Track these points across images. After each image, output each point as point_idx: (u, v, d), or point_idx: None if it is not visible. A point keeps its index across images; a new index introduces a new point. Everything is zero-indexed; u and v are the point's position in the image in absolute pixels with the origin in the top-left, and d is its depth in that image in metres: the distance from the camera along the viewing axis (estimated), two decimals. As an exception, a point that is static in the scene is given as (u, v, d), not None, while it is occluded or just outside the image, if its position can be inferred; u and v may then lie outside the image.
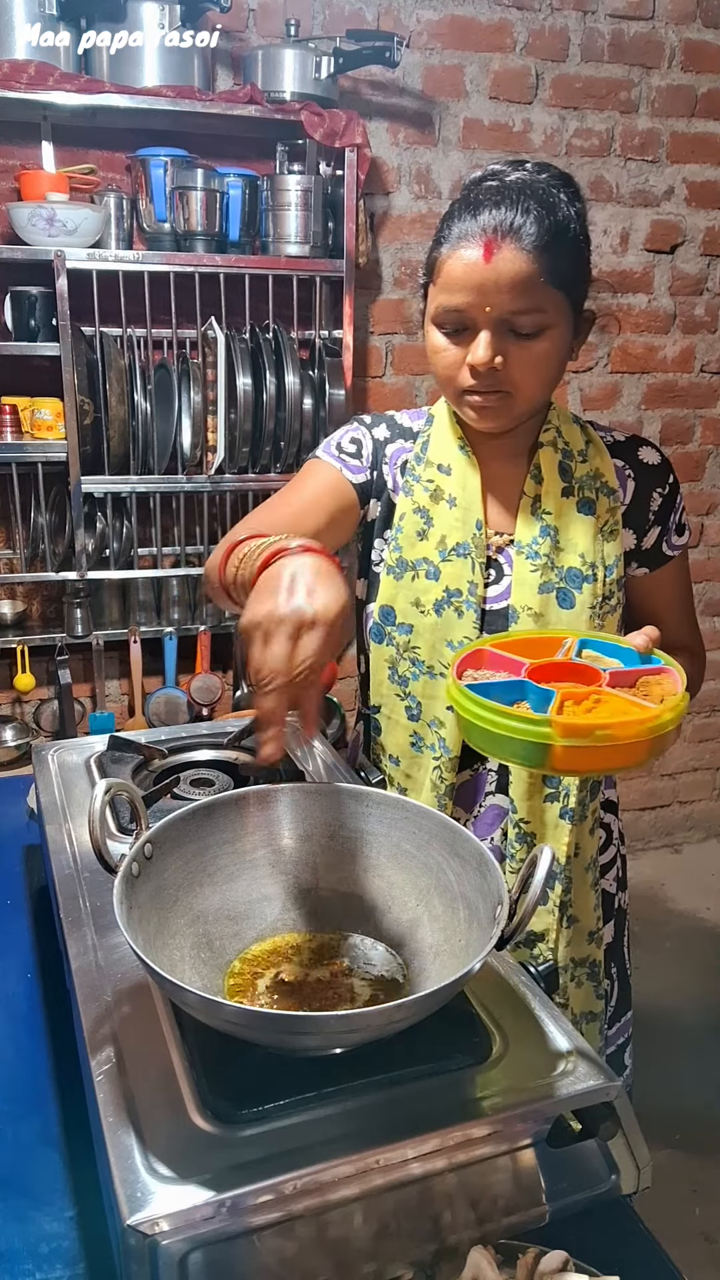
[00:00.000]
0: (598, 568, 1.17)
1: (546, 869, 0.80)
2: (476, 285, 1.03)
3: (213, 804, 0.96)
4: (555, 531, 1.17)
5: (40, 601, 2.57)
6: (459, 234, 1.05)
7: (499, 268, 1.02)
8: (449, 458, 1.20)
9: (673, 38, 2.67)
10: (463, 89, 2.55)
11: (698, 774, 3.40)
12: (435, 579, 1.19)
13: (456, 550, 1.18)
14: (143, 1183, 0.69)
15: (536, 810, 1.21)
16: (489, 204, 1.04)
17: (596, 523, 1.18)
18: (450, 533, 1.19)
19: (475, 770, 1.25)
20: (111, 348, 2.22)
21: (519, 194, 1.04)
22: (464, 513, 1.18)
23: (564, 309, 1.07)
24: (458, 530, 1.18)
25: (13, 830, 1.44)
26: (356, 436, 1.26)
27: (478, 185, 1.09)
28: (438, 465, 1.21)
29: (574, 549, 1.17)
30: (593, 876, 1.27)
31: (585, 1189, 0.81)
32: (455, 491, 1.19)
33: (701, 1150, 2.12)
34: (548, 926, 1.24)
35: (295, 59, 2.22)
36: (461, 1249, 0.74)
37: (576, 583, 1.16)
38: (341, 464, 1.25)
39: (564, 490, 1.18)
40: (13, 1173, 0.86)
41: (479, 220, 1.03)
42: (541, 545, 1.16)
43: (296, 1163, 0.70)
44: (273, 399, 2.30)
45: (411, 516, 1.21)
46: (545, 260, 1.03)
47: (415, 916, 0.93)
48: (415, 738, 1.25)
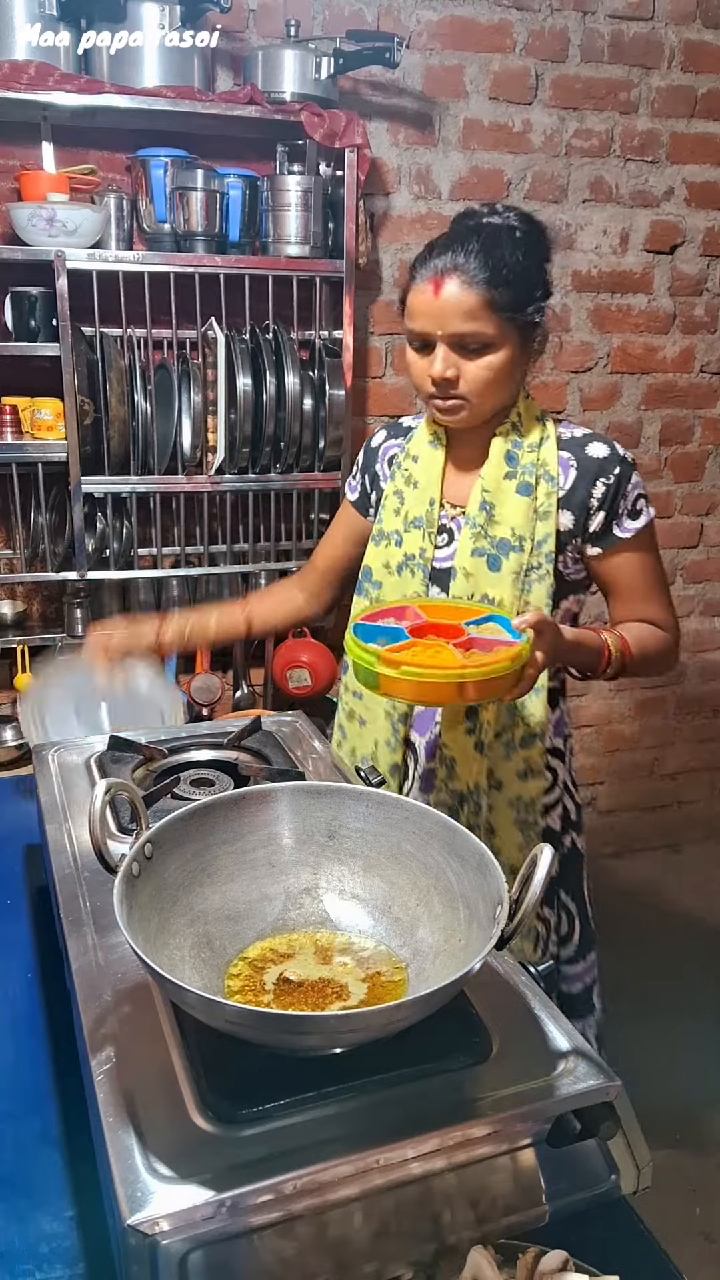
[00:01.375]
0: (526, 541, 1.39)
1: (546, 869, 0.80)
2: (430, 313, 1.29)
3: (213, 804, 0.96)
4: (491, 507, 1.40)
5: (40, 601, 2.57)
6: (419, 274, 1.31)
7: (444, 301, 1.28)
8: (420, 450, 1.48)
9: (672, 38, 2.67)
10: (463, 89, 2.55)
11: (697, 774, 3.40)
12: (399, 546, 1.47)
13: (415, 523, 1.45)
14: (143, 1182, 0.69)
15: (458, 740, 1.43)
16: (441, 247, 1.29)
17: (532, 503, 1.39)
18: (412, 509, 1.46)
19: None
20: (112, 348, 2.22)
21: (469, 236, 1.29)
22: (423, 493, 1.45)
23: (508, 329, 1.30)
24: (417, 507, 1.45)
25: (13, 830, 1.44)
26: (357, 457, 1.60)
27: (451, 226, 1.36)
28: (413, 456, 1.49)
29: (506, 523, 1.39)
30: (518, 815, 1.45)
31: (585, 1189, 0.81)
32: (420, 477, 1.46)
33: (701, 1150, 2.12)
34: None
35: (295, 59, 2.22)
36: (461, 1249, 0.74)
37: (504, 550, 1.39)
38: (348, 488, 1.63)
39: (506, 474, 1.40)
40: (13, 1172, 0.87)
41: (432, 261, 1.29)
42: (479, 517, 1.40)
43: (296, 1162, 0.70)
44: (273, 399, 2.30)
45: (391, 497, 1.50)
46: (484, 292, 1.27)
47: (415, 916, 0.93)
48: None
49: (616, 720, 3.24)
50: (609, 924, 2.77)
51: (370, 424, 2.71)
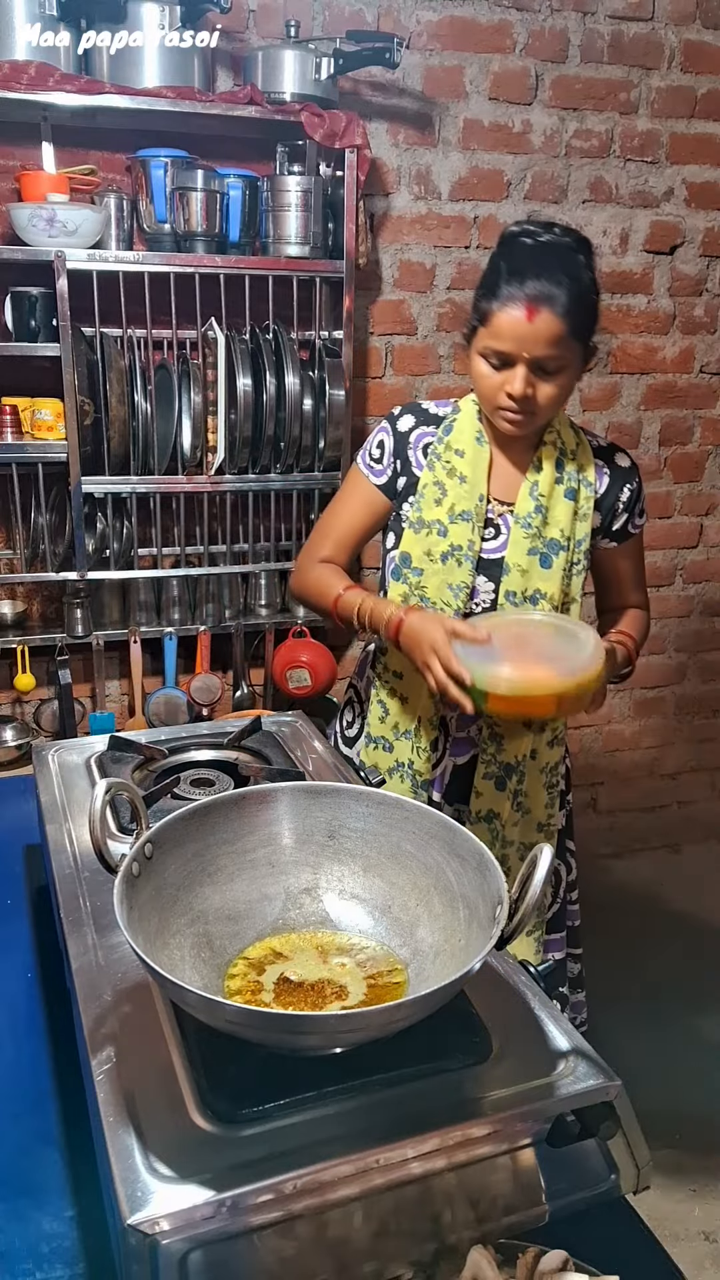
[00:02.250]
0: (570, 540, 1.55)
1: (546, 868, 0.80)
2: (519, 338, 1.38)
3: (213, 804, 0.96)
4: (545, 510, 1.53)
5: (40, 601, 2.57)
6: (507, 295, 1.38)
7: (537, 327, 1.37)
8: (465, 445, 1.55)
9: (672, 39, 2.67)
10: (462, 90, 2.55)
11: (697, 774, 3.40)
12: (444, 536, 1.54)
13: (462, 516, 1.53)
14: (143, 1182, 0.69)
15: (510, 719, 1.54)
16: (530, 274, 1.36)
17: (574, 506, 1.55)
18: (459, 502, 1.53)
19: None
20: (112, 348, 2.22)
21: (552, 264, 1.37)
22: (471, 488, 1.54)
23: (578, 352, 1.43)
24: (464, 501, 1.53)
25: (13, 830, 1.44)
26: (382, 439, 1.61)
27: (515, 243, 1.42)
28: (455, 450, 1.55)
29: (556, 524, 1.54)
30: (546, 779, 1.64)
31: (585, 1189, 0.81)
32: (466, 471, 1.54)
33: (701, 1150, 2.12)
34: (502, 809, 1.60)
35: (295, 60, 2.22)
36: (461, 1248, 0.74)
37: (555, 550, 1.54)
38: (369, 471, 1.62)
39: (555, 479, 1.54)
40: (13, 1172, 0.87)
41: (524, 288, 1.36)
42: (534, 519, 1.53)
43: (296, 1162, 0.70)
44: (273, 399, 2.30)
45: (431, 487, 1.55)
46: (569, 321, 1.37)
47: (415, 916, 0.93)
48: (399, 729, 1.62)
49: (616, 720, 3.24)
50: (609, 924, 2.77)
51: (370, 424, 2.71)
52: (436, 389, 2.75)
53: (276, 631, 2.65)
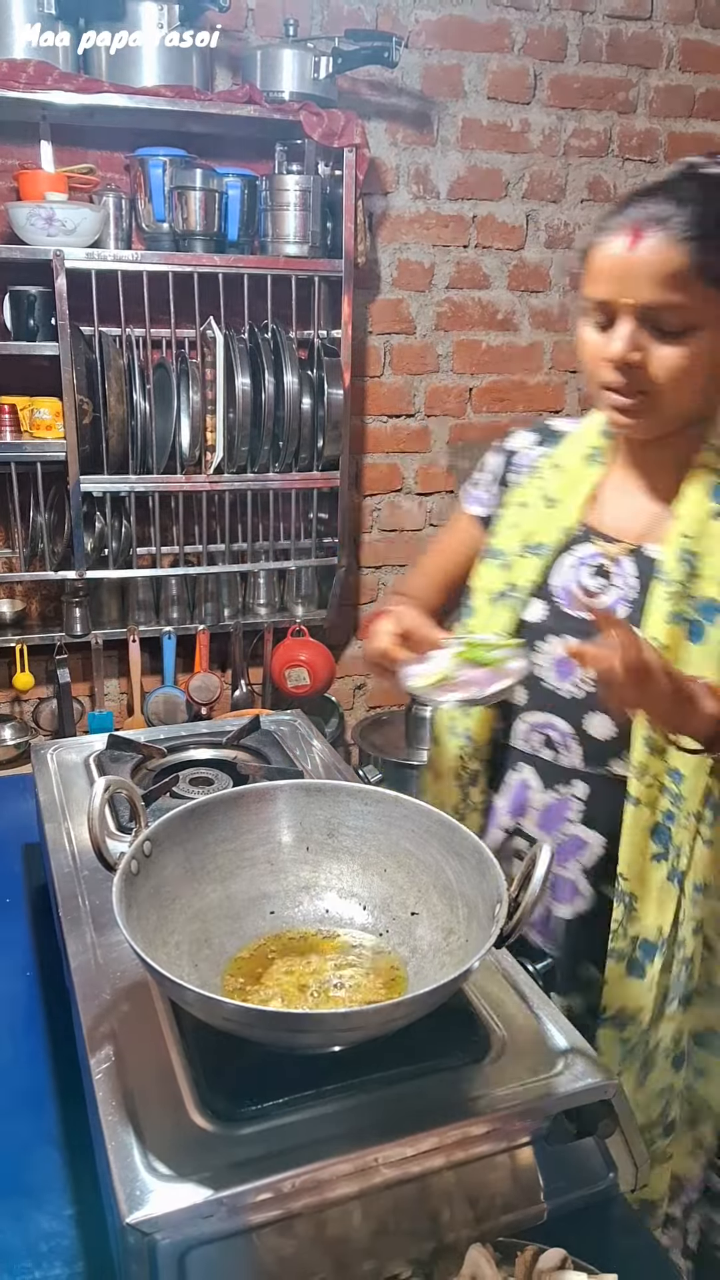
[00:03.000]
0: None
1: (546, 867, 0.80)
2: (619, 275, 0.99)
3: (211, 802, 0.96)
4: (695, 557, 1.06)
5: (39, 600, 2.57)
6: (611, 225, 1.01)
7: (642, 256, 0.97)
8: (569, 460, 1.18)
9: (671, 38, 2.67)
10: (461, 89, 2.55)
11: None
12: (507, 570, 1.17)
13: (537, 549, 1.15)
14: (142, 1181, 0.69)
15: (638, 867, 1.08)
16: (643, 195, 1.01)
17: None
18: (536, 530, 1.16)
19: (559, 793, 1.15)
20: (110, 347, 2.22)
21: (682, 184, 1.01)
22: (559, 515, 1.15)
23: (717, 309, 0.99)
24: (545, 531, 1.15)
25: (12, 829, 1.44)
26: (487, 462, 1.28)
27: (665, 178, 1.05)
28: (556, 465, 1.19)
29: (714, 577, 1.05)
30: None
31: (583, 1187, 0.81)
32: (559, 494, 1.16)
33: (700, 1149, 2.12)
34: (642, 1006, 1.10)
35: (294, 59, 2.22)
36: (460, 1247, 0.74)
37: (711, 615, 1.05)
38: (474, 502, 1.29)
39: (714, 513, 1.07)
40: (12, 1171, 0.86)
41: (629, 210, 1.00)
42: (676, 572, 1.06)
43: (295, 1161, 0.70)
44: (271, 398, 2.30)
45: (514, 509, 1.20)
46: (696, 253, 0.96)
47: (414, 914, 0.93)
48: (451, 721, 1.23)
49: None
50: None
51: (369, 423, 2.71)
52: (435, 388, 2.75)
53: (275, 631, 2.65)
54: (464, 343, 2.74)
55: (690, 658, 1.04)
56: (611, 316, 1.01)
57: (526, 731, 1.17)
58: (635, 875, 1.08)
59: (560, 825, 1.15)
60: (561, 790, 1.15)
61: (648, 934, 1.09)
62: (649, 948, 1.09)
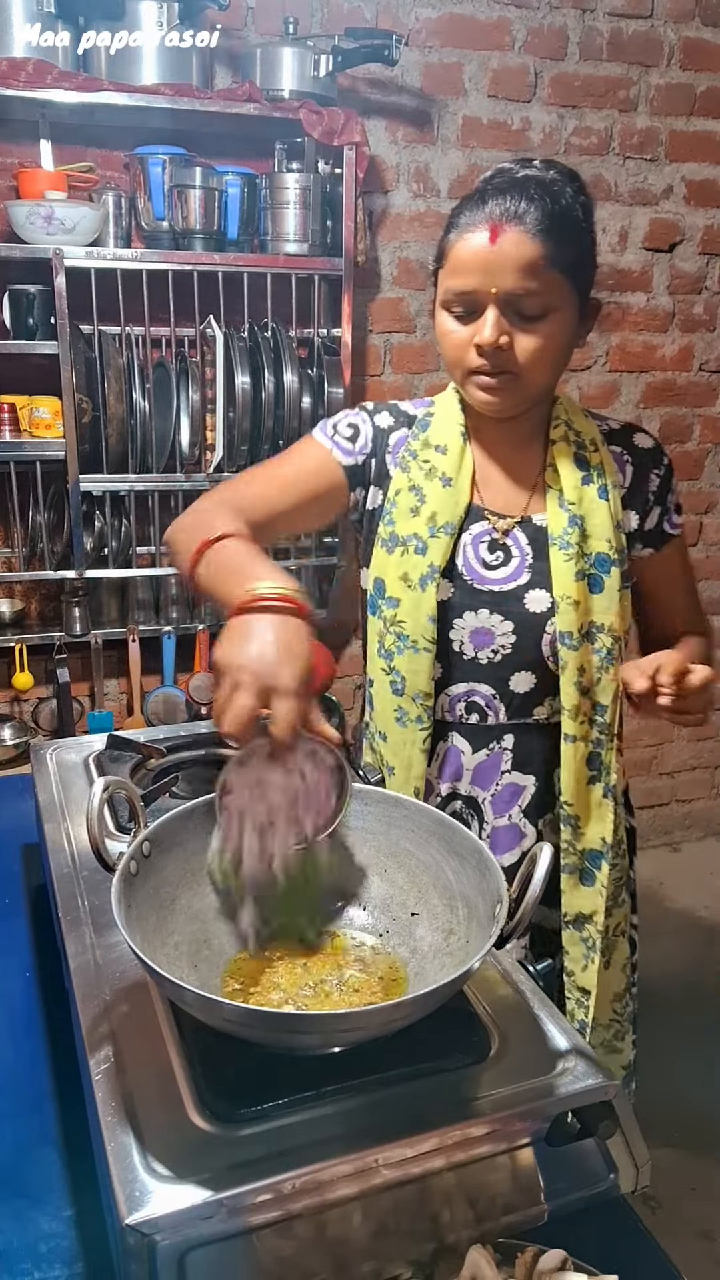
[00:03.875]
0: (618, 551, 1.22)
1: (546, 866, 0.80)
2: (483, 266, 1.08)
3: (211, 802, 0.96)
4: (582, 520, 1.20)
5: (39, 600, 2.57)
6: (467, 221, 1.10)
7: (504, 249, 1.07)
8: (447, 440, 1.24)
9: (671, 36, 2.67)
10: (461, 87, 2.55)
11: (696, 773, 3.40)
12: (423, 554, 1.21)
13: (445, 529, 1.21)
14: (141, 1182, 0.69)
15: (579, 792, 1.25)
16: (496, 194, 1.10)
17: (609, 507, 1.22)
18: (441, 510, 1.22)
19: (490, 749, 1.28)
20: (110, 346, 2.22)
21: (524, 184, 1.10)
22: (456, 493, 1.23)
23: (567, 294, 1.11)
24: (449, 509, 1.22)
25: (11, 829, 1.43)
26: (355, 422, 1.29)
27: (488, 182, 1.14)
28: (435, 446, 1.24)
29: (600, 535, 1.21)
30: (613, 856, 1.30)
31: (584, 1188, 0.81)
32: (450, 472, 1.23)
33: (701, 1149, 2.12)
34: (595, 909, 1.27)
35: (294, 57, 2.22)
36: (460, 1248, 0.74)
37: (605, 567, 1.21)
38: (334, 445, 1.27)
39: (583, 479, 1.22)
40: (11, 1172, 0.86)
41: (486, 208, 1.09)
42: (571, 535, 1.20)
43: (295, 1162, 0.70)
44: (271, 397, 2.30)
45: (406, 493, 1.24)
46: (548, 245, 1.07)
47: (414, 915, 0.93)
48: (400, 712, 1.27)
49: (615, 719, 3.24)
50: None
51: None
52: (435, 387, 2.75)
53: (275, 630, 2.64)
54: (464, 341, 2.74)
55: (594, 606, 1.21)
56: (472, 307, 1.11)
57: (451, 703, 1.27)
58: (578, 800, 1.25)
59: (495, 778, 1.29)
60: (492, 746, 1.28)
61: (593, 845, 1.26)
62: (595, 856, 1.26)
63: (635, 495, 1.26)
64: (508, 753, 1.28)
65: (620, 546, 1.22)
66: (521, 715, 1.27)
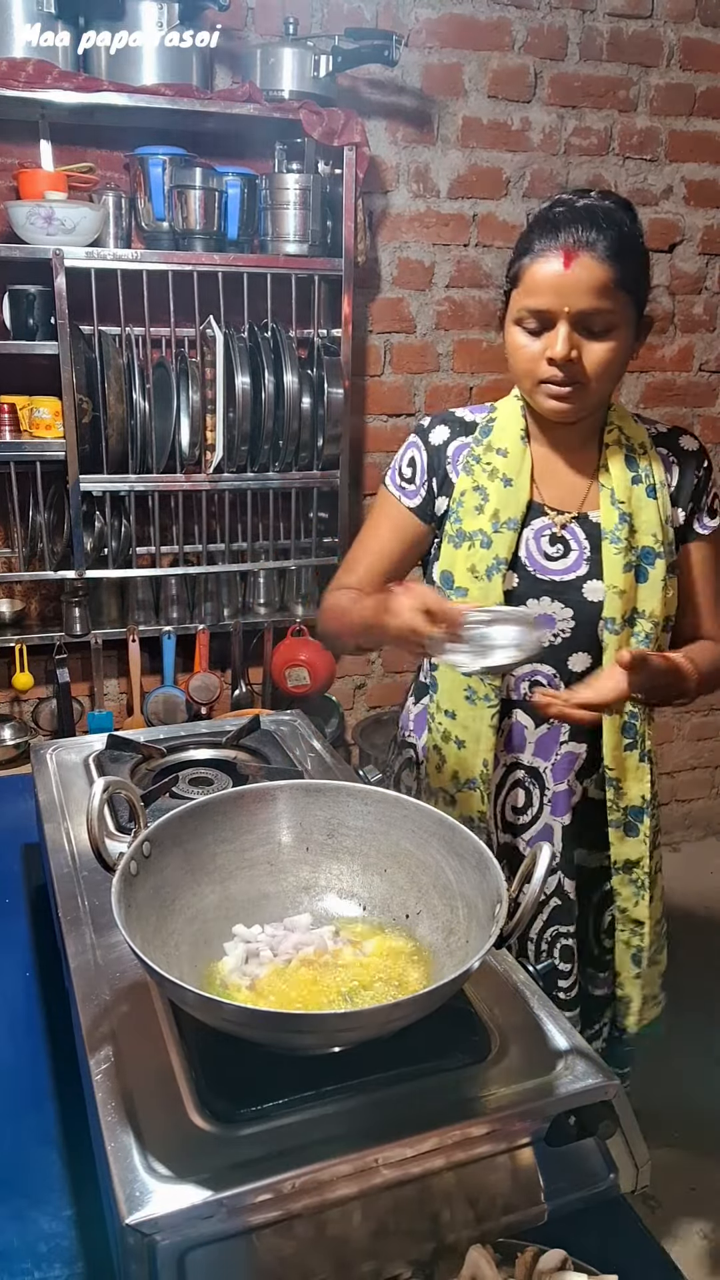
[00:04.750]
0: (665, 544, 1.34)
1: (546, 866, 0.80)
2: (557, 288, 1.21)
3: (211, 802, 0.96)
4: (631, 516, 1.33)
5: (39, 600, 2.57)
6: (541, 247, 1.23)
7: (577, 274, 1.20)
8: (508, 443, 1.37)
9: (671, 36, 2.67)
10: (461, 87, 2.55)
11: (696, 772, 3.40)
12: (488, 548, 1.34)
13: (508, 524, 1.34)
14: (141, 1182, 0.69)
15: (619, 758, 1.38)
16: (566, 222, 1.22)
17: (657, 505, 1.34)
18: (504, 508, 1.34)
19: (551, 723, 1.38)
20: (110, 346, 2.22)
21: (591, 214, 1.23)
22: (517, 491, 1.35)
23: (629, 312, 1.24)
24: (511, 506, 1.34)
25: (11, 829, 1.44)
26: (413, 456, 1.43)
27: (551, 209, 1.27)
28: (497, 449, 1.37)
29: (646, 530, 1.33)
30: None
31: (584, 1188, 0.81)
32: (510, 473, 1.35)
33: (701, 1149, 2.12)
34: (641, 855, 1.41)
35: (294, 57, 2.22)
36: (460, 1248, 0.74)
37: (650, 559, 1.33)
38: (401, 493, 1.43)
39: (633, 479, 1.34)
40: (11, 1172, 0.86)
41: (559, 236, 1.21)
42: (620, 531, 1.32)
43: (295, 1162, 0.70)
44: (271, 398, 2.30)
45: (471, 494, 1.37)
46: (615, 269, 1.21)
47: (414, 914, 0.93)
48: (469, 691, 1.39)
49: (615, 719, 3.24)
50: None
51: (369, 422, 2.71)
52: (435, 387, 2.75)
53: (275, 630, 2.65)
54: (464, 342, 2.74)
55: (639, 595, 1.33)
56: (545, 323, 1.24)
57: (515, 683, 1.39)
58: (618, 764, 1.38)
59: (555, 749, 1.40)
60: (552, 721, 1.37)
61: (634, 802, 1.39)
62: (637, 811, 1.40)
63: (680, 494, 1.38)
64: (565, 725, 1.38)
65: (668, 540, 1.34)
66: None
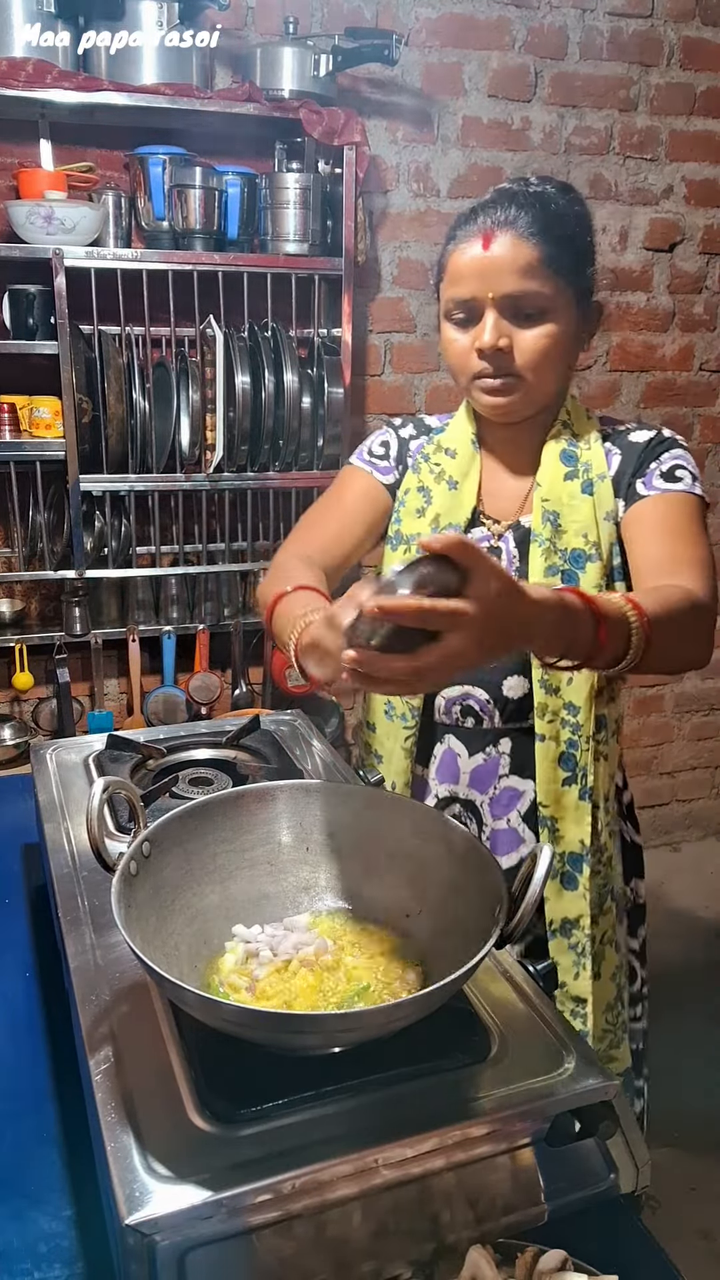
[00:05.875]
0: (600, 546, 1.21)
1: (546, 866, 0.80)
2: (478, 272, 1.12)
3: (211, 802, 0.96)
4: (556, 516, 1.22)
5: (39, 600, 2.57)
6: (462, 234, 1.15)
7: (496, 253, 1.11)
8: (457, 445, 1.29)
9: (671, 35, 2.67)
10: (461, 87, 2.55)
11: (696, 773, 3.40)
12: None
13: (449, 529, 1.23)
14: (141, 1182, 0.69)
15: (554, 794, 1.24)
16: (488, 206, 1.15)
17: (594, 501, 1.21)
18: (445, 513, 1.26)
19: (487, 754, 1.29)
20: (110, 346, 2.21)
21: (514, 195, 1.15)
22: (460, 496, 1.27)
23: (564, 295, 1.14)
24: (453, 511, 1.26)
25: (11, 829, 1.43)
26: (385, 439, 1.36)
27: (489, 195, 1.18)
28: (446, 449, 1.29)
29: (576, 531, 1.21)
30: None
31: (584, 1188, 0.81)
32: (457, 476, 1.27)
33: (701, 1149, 2.12)
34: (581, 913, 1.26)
35: (294, 57, 2.22)
36: (460, 1248, 0.74)
37: (579, 563, 1.21)
38: (372, 468, 1.34)
39: (566, 475, 1.23)
40: (11, 1172, 0.86)
41: (479, 219, 1.14)
42: (543, 531, 1.21)
43: (295, 1162, 0.70)
44: (271, 397, 2.30)
45: (414, 494, 1.29)
46: (540, 246, 1.11)
47: (414, 914, 0.93)
48: (388, 706, 1.32)
49: (615, 718, 3.24)
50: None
51: (370, 421, 2.71)
52: (436, 387, 2.75)
53: (275, 630, 2.65)
54: (464, 341, 2.74)
55: None
56: (472, 313, 1.14)
57: (447, 706, 1.30)
58: (552, 801, 1.24)
59: (493, 782, 1.29)
60: (489, 751, 1.29)
61: (572, 848, 1.25)
62: (576, 859, 1.25)
63: (621, 476, 1.22)
64: (505, 757, 1.29)
65: (604, 540, 1.21)
66: (516, 720, 1.28)
